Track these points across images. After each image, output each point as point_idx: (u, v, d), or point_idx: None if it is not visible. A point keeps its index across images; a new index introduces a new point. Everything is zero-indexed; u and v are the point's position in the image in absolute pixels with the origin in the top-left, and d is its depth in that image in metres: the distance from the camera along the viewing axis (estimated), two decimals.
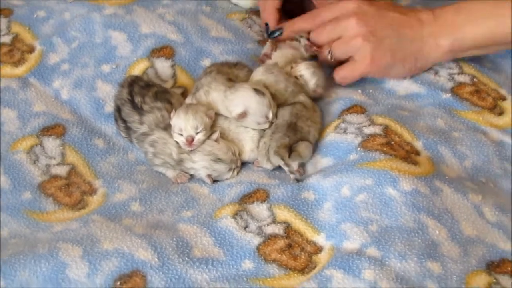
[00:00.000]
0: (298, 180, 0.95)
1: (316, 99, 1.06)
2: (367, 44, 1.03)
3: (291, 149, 0.96)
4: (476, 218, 0.90)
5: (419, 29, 1.05)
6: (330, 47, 1.06)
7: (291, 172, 0.95)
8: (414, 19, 1.05)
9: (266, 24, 1.15)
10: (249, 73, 1.06)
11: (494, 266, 0.85)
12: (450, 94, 1.06)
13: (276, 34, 1.11)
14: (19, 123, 1.04)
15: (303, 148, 0.97)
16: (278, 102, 1.01)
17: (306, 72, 1.05)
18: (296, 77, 1.04)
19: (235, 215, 0.91)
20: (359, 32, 1.03)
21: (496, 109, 1.05)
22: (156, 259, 0.84)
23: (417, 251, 0.84)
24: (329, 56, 1.06)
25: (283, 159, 0.95)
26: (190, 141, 0.96)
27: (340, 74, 1.07)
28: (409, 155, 0.95)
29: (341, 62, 1.07)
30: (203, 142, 0.97)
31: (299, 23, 1.11)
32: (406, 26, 1.05)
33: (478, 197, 0.92)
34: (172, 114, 0.98)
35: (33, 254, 0.84)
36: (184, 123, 0.96)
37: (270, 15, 1.15)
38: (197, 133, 0.96)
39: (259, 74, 1.03)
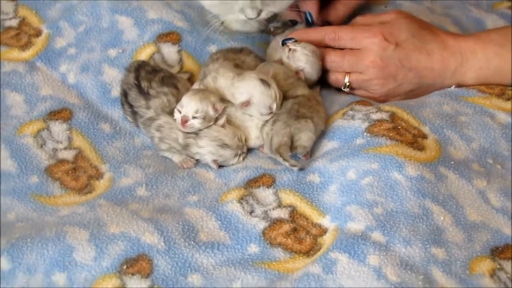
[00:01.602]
0: (301, 169, 0.95)
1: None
2: (385, 86, 1.06)
3: (293, 140, 0.96)
4: (481, 204, 0.90)
5: (441, 71, 1.06)
6: (349, 78, 1.07)
7: (293, 165, 0.94)
8: (437, 60, 1.05)
9: (305, 13, 1.13)
10: (256, 59, 1.06)
11: (498, 252, 0.85)
12: (454, 86, 1.06)
13: (289, 43, 1.08)
14: (26, 107, 1.04)
15: (306, 139, 0.97)
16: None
17: (300, 51, 1.04)
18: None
19: (241, 200, 0.91)
20: (381, 76, 1.05)
21: (504, 95, 1.04)
22: (162, 243, 0.85)
23: (421, 236, 0.84)
24: (346, 84, 1.07)
25: (282, 157, 0.95)
26: (184, 121, 0.96)
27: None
28: (416, 139, 0.95)
29: None
30: (197, 129, 0.97)
31: (316, 36, 1.08)
32: (427, 69, 1.06)
33: (483, 182, 0.92)
34: None
35: (40, 237, 0.84)
36: (187, 101, 0.96)
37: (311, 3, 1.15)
38: (193, 117, 0.96)
39: (259, 68, 1.03)
